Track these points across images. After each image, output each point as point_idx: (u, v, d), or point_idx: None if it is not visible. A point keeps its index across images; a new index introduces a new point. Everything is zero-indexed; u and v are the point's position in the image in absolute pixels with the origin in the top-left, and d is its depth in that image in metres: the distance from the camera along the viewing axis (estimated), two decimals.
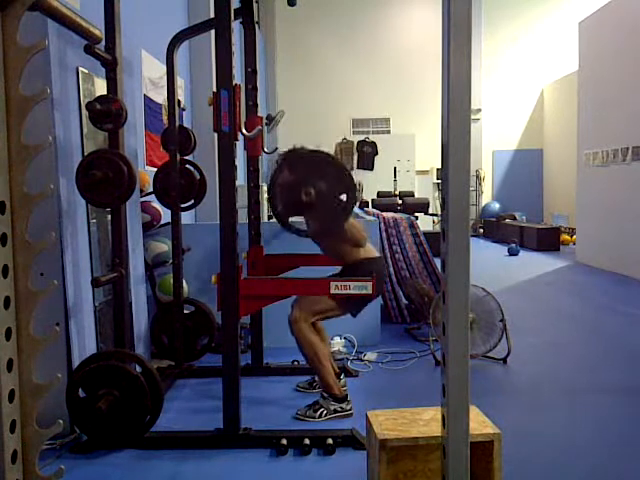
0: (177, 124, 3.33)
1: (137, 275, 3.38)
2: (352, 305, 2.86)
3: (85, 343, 2.72)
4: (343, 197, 2.66)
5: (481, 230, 12.41)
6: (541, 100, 12.90)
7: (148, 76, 5.12)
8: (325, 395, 2.86)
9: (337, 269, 3.03)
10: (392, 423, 1.72)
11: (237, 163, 2.53)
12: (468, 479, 1.28)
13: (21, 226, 1.28)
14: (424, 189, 12.32)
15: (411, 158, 12.29)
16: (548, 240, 9.63)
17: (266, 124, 3.00)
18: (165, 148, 3.48)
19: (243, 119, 2.55)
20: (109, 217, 2.75)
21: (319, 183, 2.63)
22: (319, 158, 2.74)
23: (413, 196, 11.39)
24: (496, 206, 12.67)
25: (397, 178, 12.10)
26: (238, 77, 2.57)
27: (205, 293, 3.78)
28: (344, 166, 2.74)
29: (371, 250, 2.99)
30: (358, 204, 9.23)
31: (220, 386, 2.52)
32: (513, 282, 6.72)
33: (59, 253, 2.53)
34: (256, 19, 3.40)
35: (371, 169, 12.26)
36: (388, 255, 4.77)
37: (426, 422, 1.73)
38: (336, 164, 2.75)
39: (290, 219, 2.92)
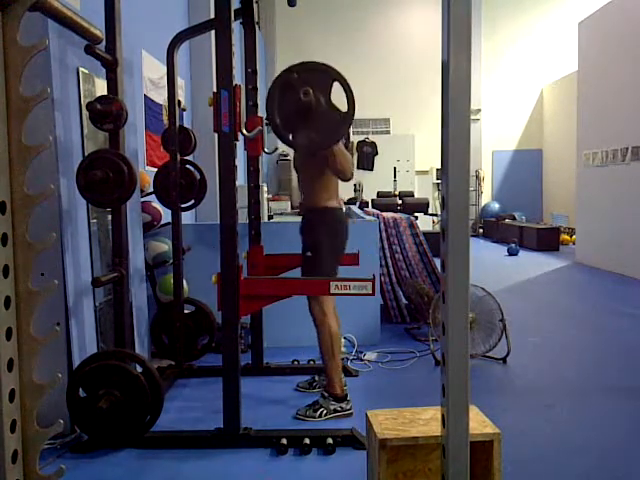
0: (177, 124, 3.33)
1: (137, 275, 3.38)
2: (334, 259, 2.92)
3: (85, 343, 2.73)
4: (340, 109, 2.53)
5: (481, 230, 12.41)
6: (541, 100, 12.91)
7: (148, 76, 5.12)
8: (325, 395, 2.87)
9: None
10: (392, 423, 1.72)
11: (237, 163, 2.53)
12: (468, 479, 1.28)
13: (22, 226, 1.29)
14: (424, 189, 12.31)
15: (411, 158, 12.29)
16: (548, 240, 9.63)
17: (266, 124, 2.98)
18: (165, 148, 3.49)
19: (243, 119, 2.54)
20: (109, 217, 2.75)
21: (317, 89, 2.50)
22: (318, 68, 2.60)
23: (413, 196, 11.39)
24: (496, 206, 12.67)
25: (397, 178, 12.10)
26: (238, 77, 2.57)
27: (205, 293, 3.78)
28: (345, 78, 2.57)
29: (339, 201, 3.00)
30: (358, 204, 9.23)
31: (220, 386, 2.52)
32: (513, 282, 6.73)
33: (59, 253, 2.54)
34: (256, 19, 3.40)
35: (371, 169, 12.26)
36: (388, 255, 4.78)
37: (426, 422, 1.73)
38: (336, 75, 2.58)
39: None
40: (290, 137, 2.62)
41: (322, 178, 2.89)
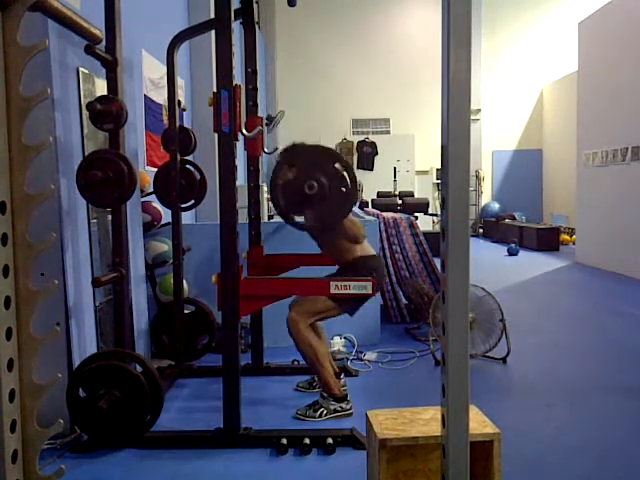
0: (177, 124, 3.33)
1: (137, 275, 3.38)
2: (350, 304, 2.86)
3: (85, 343, 2.73)
4: (344, 190, 2.63)
5: (481, 230, 12.41)
6: (541, 100, 12.91)
7: (148, 76, 5.12)
8: (325, 395, 2.87)
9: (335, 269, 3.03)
10: (392, 423, 1.72)
11: (237, 163, 2.53)
12: (468, 479, 1.28)
13: (22, 226, 1.29)
14: (424, 189, 12.31)
15: (411, 158, 12.29)
16: (548, 240, 9.63)
17: (266, 124, 3.00)
18: (165, 148, 3.48)
19: (243, 119, 2.55)
20: (110, 217, 2.75)
21: (321, 176, 2.60)
22: (319, 152, 2.73)
23: (413, 196, 11.39)
24: (496, 206, 12.67)
25: (397, 178, 12.10)
26: (238, 77, 2.57)
27: (205, 293, 3.78)
28: (344, 159, 2.71)
29: (368, 248, 2.99)
30: (358, 204, 9.23)
31: (220, 386, 2.52)
32: (513, 282, 6.72)
33: (59, 253, 2.54)
34: (256, 19, 3.41)
35: (371, 169, 12.26)
36: (388, 255, 4.78)
37: (426, 422, 1.73)
38: (336, 157, 2.72)
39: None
40: (295, 219, 2.77)
41: (339, 241, 2.91)
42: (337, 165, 2.64)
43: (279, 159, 2.78)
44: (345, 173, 2.62)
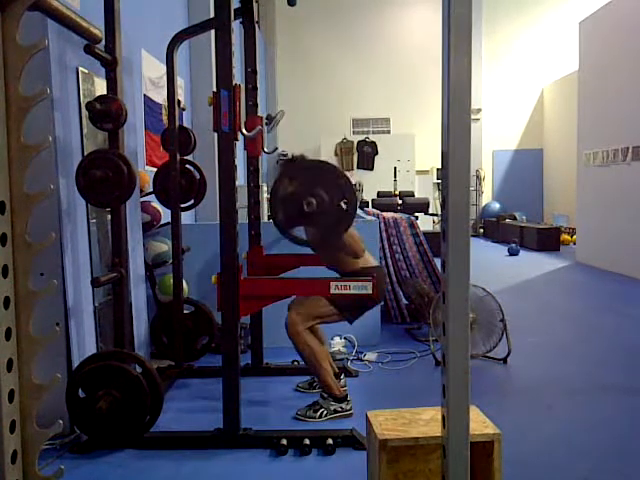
0: (177, 124, 3.33)
1: (137, 275, 3.38)
2: (350, 312, 2.86)
3: (85, 343, 2.72)
4: (343, 205, 2.59)
5: (481, 230, 12.40)
6: (541, 100, 12.91)
7: (148, 76, 5.12)
8: (325, 395, 2.86)
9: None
10: (392, 423, 1.72)
11: (237, 163, 2.53)
12: (468, 479, 1.28)
13: (21, 226, 1.28)
14: (424, 189, 12.31)
15: (411, 158, 12.27)
16: (548, 240, 9.62)
17: (266, 124, 2.99)
18: (165, 148, 3.48)
19: (243, 119, 2.54)
20: (109, 217, 2.74)
21: (320, 192, 2.56)
22: (319, 167, 2.69)
23: (413, 196, 11.38)
24: (496, 206, 12.66)
25: (397, 178, 12.08)
26: (238, 77, 2.57)
27: (205, 293, 3.78)
28: (344, 174, 2.66)
29: (370, 260, 2.99)
30: (358, 204, 9.22)
31: (220, 386, 2.52)
32: (513, 282, 6.72)
33: (59, 253, 2.54)
34: (256, 19, 3.40)
35: (371, 169, 12.25)
36: (388, 255, 4.77)
37: (426, 422, 1.72)
38: (336, 172, 2.67)
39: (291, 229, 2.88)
40: (294, 233, 2.79)
41: (339, 255, 2.90)
42: (336, 181, 2.57)
43: (278, 173, 2.77)
44: (345, 191, 2.56)
